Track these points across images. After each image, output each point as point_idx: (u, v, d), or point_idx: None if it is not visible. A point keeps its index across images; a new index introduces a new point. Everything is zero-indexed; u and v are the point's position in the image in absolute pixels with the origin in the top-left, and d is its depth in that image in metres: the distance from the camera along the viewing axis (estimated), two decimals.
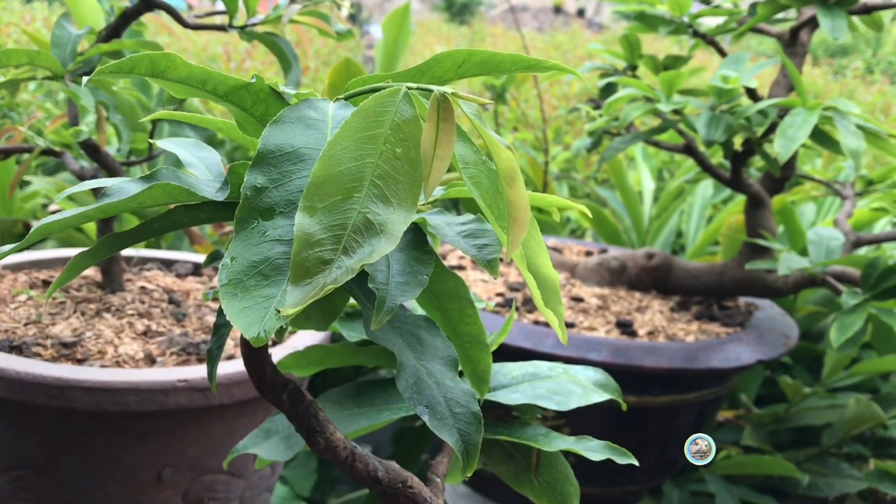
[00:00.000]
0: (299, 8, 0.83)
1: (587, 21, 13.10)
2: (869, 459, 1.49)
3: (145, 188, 0.39)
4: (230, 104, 0.40)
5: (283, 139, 0.34)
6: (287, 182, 0.33)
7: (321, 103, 0.37)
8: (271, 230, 0.33)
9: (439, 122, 0.33)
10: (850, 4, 1.10)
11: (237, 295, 0.31)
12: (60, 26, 0.80)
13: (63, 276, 0.42)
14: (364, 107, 0.33)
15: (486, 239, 0.40)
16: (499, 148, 0.34)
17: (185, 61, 0.36)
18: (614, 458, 0.53)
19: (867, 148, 1.03)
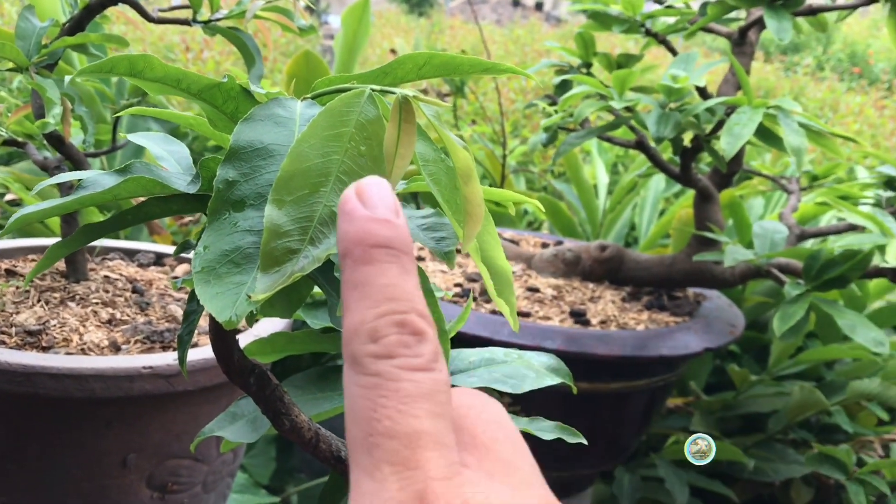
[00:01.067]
0: (262, 4, 0.85)
1: (545, 15, 13.17)
2: (813, 445, 1.55)
3: (121, 181, 0.41)
4: (202, 101, 0.42)
5: (253, 136, 0.36)
6: (257, 176, 0.36)
7: (290, 102, 0.40)
8: (242, 221, 0.35)
9: (401, 122, 0.35)
10: (796, 6, 1.14)
11: (210, 281, 0.33)
12: (25, 18, 0.81)
13: (40, 265, 0.43)
14: (331, 107, 0.35)
15: (443, 232, 0.43)
16: (456, 148, 0.37)
17: (161, 62, 0.38)
18: (565, 438, 0.55)
19: (812, 145, 1.08)
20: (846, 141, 1.15)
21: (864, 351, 1.47)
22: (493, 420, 0.30)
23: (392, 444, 0.26)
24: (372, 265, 0.28)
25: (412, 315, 0.28)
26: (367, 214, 0.29)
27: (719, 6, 1.15)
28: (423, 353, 0.27)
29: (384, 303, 0.28)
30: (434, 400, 0.27)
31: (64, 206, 0.42)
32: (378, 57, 4.47)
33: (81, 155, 0.88)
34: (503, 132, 2.10)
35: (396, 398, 0.26)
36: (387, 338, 0.27)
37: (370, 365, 0.27)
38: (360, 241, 0.29)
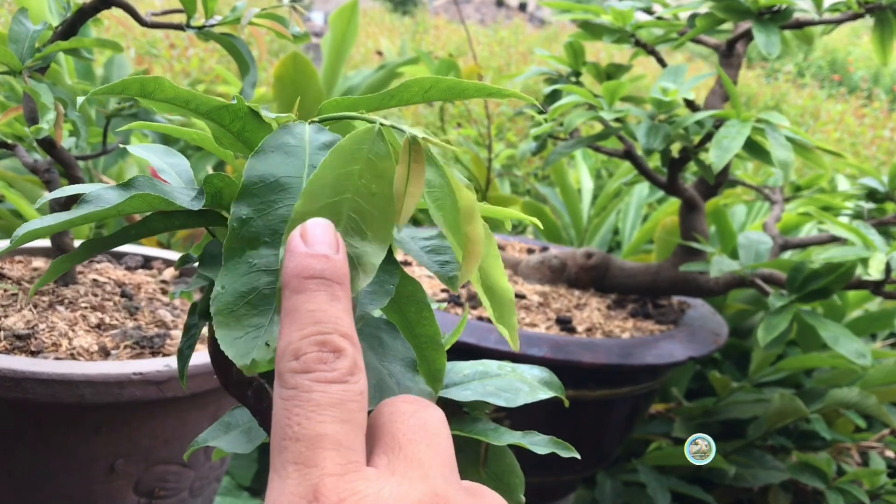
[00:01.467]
0: (257, 11, 0.85)
1: (529, 15, 13.20)
2: (792, 452, 1.57)
3: (127, 198, 0.41)
4: (210, 121, 0.42)
5: (265, 169, 0.37)
6: (270, 211, 0.36)
7: (298, 128, 0.40)
8: (257, 260, 0.35)
9: (411, 162, 0.36)
10: (784, 20, 1.16)
11: (229, 325, 0.34)
12: (18, 21, 0.81)
13: (45, 277, 0.43)
14: (341, 146, 0.36)
15: (447, 256, 0.43)
16: (460, 187, 0.37)
17: (171, 84, 0.38)
18: (558, 452, 0.56)
19: (796, 158, 1.09)
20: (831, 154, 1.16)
21: (842, 360, 1.49)
22: (417, 424, 0.33)
23: (297, 446, 0.29)
24: (303, 294, 0.32)
25: (334, 335, 0.32)
26: (305, 251, 0.33)
27: (708, 18, 1.16)
28: (339, 367, 0.31)
29: (309, 325, 0.31)
30: (342, 408, 0.30)
31: (70, 222, 0.42)
32: (362, 56, 4.46)
33: (72, 158, 0.88)
34: (489, 136, 2.10)
35: (307, 406, 0.30)
36: (306, 355, 0.31)
37: (289, 379, 0.31)
38: (296, 273, 0.32)
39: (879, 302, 1.79)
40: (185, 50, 2.95)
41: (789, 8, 1.14)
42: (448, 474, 0.32)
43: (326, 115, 0.42)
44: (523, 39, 6.59)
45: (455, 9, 12.30)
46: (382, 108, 0.44)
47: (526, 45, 6.00)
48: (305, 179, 0.38)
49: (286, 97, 1.85)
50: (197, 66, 2.87)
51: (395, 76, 2.10)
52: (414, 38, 5.80)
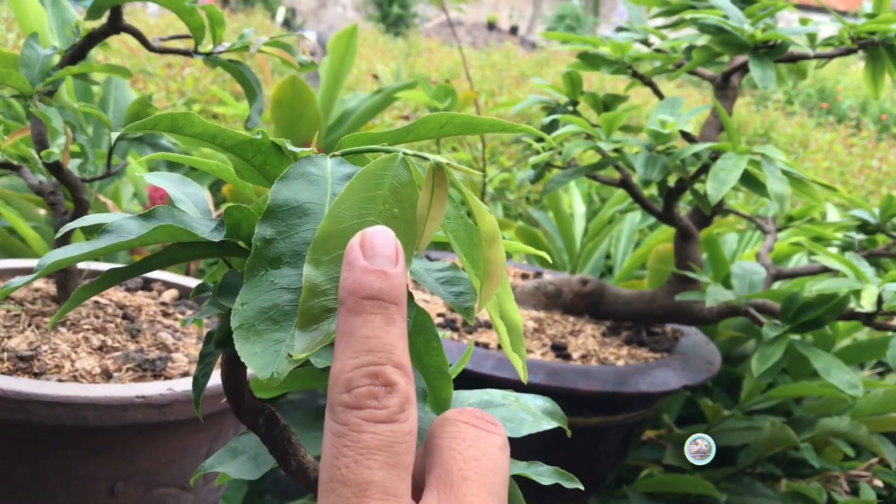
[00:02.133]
0: (266, 39, 0.87)
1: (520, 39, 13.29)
2: (781, 480, 1.58)
3: (149, 230, 0.42)
4: (233, 154, 0.43)
5: (289, 194, 0.38)
6: (293, 234, 0.37)
7: (320, 160, 0.41)
8: (279, 279, 0.36)
9: (434, 188, 0.37)
10: (779, 54, 1.18)
11: (249, 338, 0.35)
12: (29, 46, 0.82)
13: (67, 306, 0.44)
14: (366, 170, 0.37)
15: (462, 287, 0.44)
16: (483, 212, 0.38)
17: (200, 120, 0.39)
18: (562, 483, 0.57)
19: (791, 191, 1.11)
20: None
21: (833, 389, 1.50)
22: (474, 458, 0.33)
23: (345, 491, 0.30)
24: (359, 316, 0.32)
25: (387, 367, 0.31)
26: (364, 265, 0.32)
27: (705, 52, 1.18)
28: (390, 404, 0.31)
29: (363, 354, 0.31)
30: (390, 451, 0.30)
31: (93, 253, 0.43)
32: (355, 77, 4.48)
33: (78, 181, 0.88)
34: (483, 159, 2.12)
35: (356, 448, 0.30)
36: (358, 389, 0.31)
37: (341, 414, 0.31)
38: (353, 291, 0.32)
39: (868, 331, 1.81)
40: (180, 69, 2.97)
41: (785, 43, 1.16)
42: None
43: (347, 148, 0.44)
44: (515, 63, 6.64)
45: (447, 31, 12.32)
46: (400, 143, 0.45)
47: (518, 69, 6.04)
48: (327, 206, 0.39)
49: (284, 120, 1.86)
50: (192, 86, 2.89)
51: (391, 100, 2.12)
52: (407, 61, 5.83)
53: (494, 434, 0.35)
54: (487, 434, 0.35)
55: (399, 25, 12.33)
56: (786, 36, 1.13)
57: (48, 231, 1.63)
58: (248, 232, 0.45)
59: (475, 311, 0.44)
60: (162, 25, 5.43)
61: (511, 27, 15.23)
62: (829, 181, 3.65)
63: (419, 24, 13.37)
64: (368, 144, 0.43)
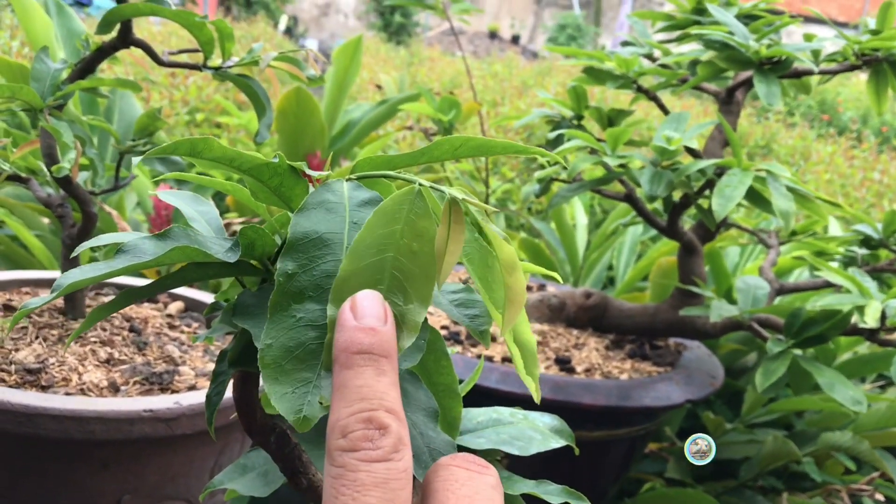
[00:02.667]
0: (275, 55, 0.87)
1: (521, 48, 13.32)
2: (783, 493, 1.58)
3: (166, 251, 0.43)
4: (249, 177, 0.44)
5: (308, 226, 0.38)
6: (314, 267, 0.37)
7: (336, 185, 0.41)
8: (302, 314, 0.37)
9: (450, 223, 0.37)
10: (784, 70, 1.18)
11: (278, 379, 0.35)
12: (40, 60, 0.82)
13: (83, 326, 0.45)
14: (383, 207, 0.37)
15: (476, 309, 0.45)
16: (500, 242, 0.39)
17: (219, 144, 0.40)
18: (571, 502, 0.57)
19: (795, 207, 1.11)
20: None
21: (834, 403, 1.51)
22: (467, 496, 0.35)
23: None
24: (351, 369, 0.34)
25: (380, 412, 0.33)
26: (354, 325, 0.34)
27: (709, 67, 1.19)
28: (383, 445, 0.32)
29: (356, 402, 0.33)
30: (385, 487, 0.32)
31: (110, 274, 0.43)
32: (357, 87, 4.49)
33: (87, 194, 0.89)
34: (486, 170, 2.12)
35: (353, 487, 0.32)
36: (353, 433, 0.33)
37: (338, 458, 0.32)
38: (345, 348, 0.34)
39: (869, 345, 1.81)
40: (184, 78, 2.97)
41: (789, 59, 1.17)
42: None
43: (362, 172, 0.44)
44: (517, 73, 6.65)
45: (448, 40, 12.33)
46: (415, 165, 0.45)
47: (520, 79, 6.05)
48: (346, 235, 0.39)
49: (288, 130, 1.87)
50: (195, 95, 2.89)
51: (395, 111, 2.12)
52: (409, 70, 5.85)
53: (486, 475, 0.36)
54: (479, 475, 0.36)
55: (401, 34, 12.36)
56: (791, 52, 1.14)
57: (52, 240, 1.63)
58: (261, 252, 0.45)
59: (490, 333, 0.44)
60: (165, 33, 5.44)
61: (513, 36, 15.27)
62: (830, 194, 3.66)
63: (421, 32, 13.41)
64: (384, 168, 0.44)
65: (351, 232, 0.39)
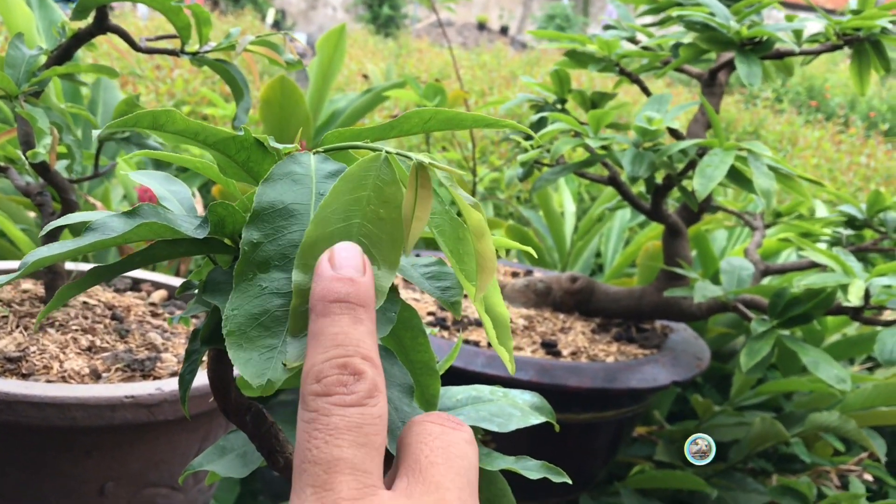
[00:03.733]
0: (252, 38, 0.87)
1: (510, 39, 13.30)
2: (772, 475, 1.58)
3: (133, 227, 0.42)
4: (216, 151, 0.43)
5: (274, 196, 0.38)
6: (280, 237, 0.37)
7: (304, 157, 0.41)
8: (268, 283, 0.36)
9: (418, 187, 0.37)
10: (765, 51, 1.18)
11: (242, 346, 0.35)
12: (14, 47, 0.82)
13: (51, 305, 0.44)
14: (350, 172, 0.37)
15: (448, 281, 0.44)
16: (468, 208, 0.38)
17: (182, 117, 0.39)
18: (550, 477, 0.57)
19: (777, 186, 1.11)
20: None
21: (822, 384, 1.51)
22: (441, 446, 0.35)
23: (315, 469, 0.31)
24: (327, 317, 0.33)
25: (355, 358, 0.33)
26: (331, 274, 0.34)
27: (691, 49, 1.18)
28: (358, 390, 0.32)
29: (331, 349, 0.33)
30: (359, 432, 0.32)
31: (77, 250, 0.43)
32: (346, 78, 4.48)
33: (66, 182, 0.88)
34: (473, 159, 2.12)
35: (325, 430, 0.31)
36: (327, 378, 0.32)
37: (311, 402, 0.32)
38: (322, 297, 0.34)
39: (857, 326, 1.82)
40: (170, 71, 2.96)
41: (770, 39, 1.17)
42: (466, 498, 0.33)
43: (330, 145, 0.44)
44: (505, 63, 6.64)
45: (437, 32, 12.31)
46: (383, 139, 0.45)
47: (508, 69, 6.04)
48: (313, 206, 0.39)
49: (273, 120, 1.86)
50: (182, 88, 2.88)
51: (381, 100, 2.12)
52: (397, 61, 5.83)
53: (460, 431, 0.36)
54: (453, 430, 0.36)
55: (389, 26, 12.32)
56: (771, 32, 1.14)
57: (37, 233, 1.63)
58: (232, 229, 0.45)
59: (461, 305, 0.44)
60: (152, 28, 5.42)
61: (501, 27, 15.24)
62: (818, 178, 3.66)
63: (409, 24, 13.37)
64: (352, 140, 0.43)
65: (317, 203, 0.39)
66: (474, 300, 0.40)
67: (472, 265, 0.42)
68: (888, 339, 1.02)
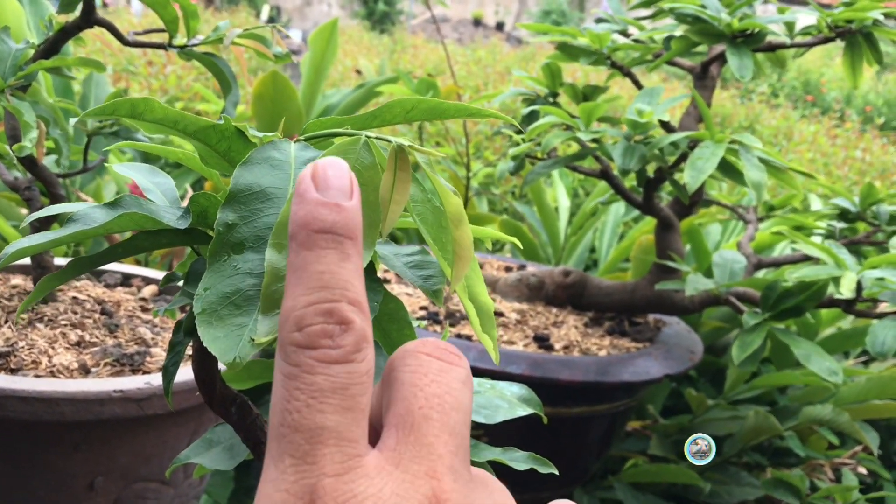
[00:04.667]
0: (240, 31, 0.86)
1: (506, 35, 13.29)
2: (766, 468, 1.58)
3: (114, 217, 0.42)
4: (196, 140, 0.43)
5: (251, 179, 0.37)
6: (256, 219, 0.37)
7: (284, 144, 0.41)
8: (241, 264, 0.36)
9: (396, 170, 0.37)
10: (757, 43, 1.18)
11: (212, 323, 0.34)
12: (1, 40, 0.81)
13: (32, 297, 0.44)
14: (328, 154, 0.37)
15: (430, 270, 0.44)
16: (447, 193, 0.38)
17: (161, 105, 0.39)
18: (537, 468, 0.57)
19: (769, 179, 1.11)
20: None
21: (815, 377, 1.51)
22: (436, 394, 0.31)
23: (296, 437, 0.28)
24: (311, 251, 0.29)
25: (342, 304, 0.29)
26: (316, 198, 0.30)
27: (683, 41, 1.18)
28: (345, 343, 0.29)
29: (316, 290, 0.29)
30: (345, 394, 0.28)
31: (58, 241, 0.43)
32: (340, 74, 4.48)
33: (53, 176, 0.88)
34: (467, 154, 2.12)
35: (308, 391, 0.28)
36: (311, 327, 0.28)
37: (292, 354, 0.28)
38: (305, 224, 0.30)
39: (852, 320, 1.82)
40: (162, 67, 2.96)
41: (762, 31, 1.16)
42: (458, 465, 0.30)
43: (311, 133, 0.43)
44: (500, 59, 6.64)
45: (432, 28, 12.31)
46: (366, 128, 0.45)
47: (503, 65, 6.04)
48: (290, 191, 0.39)
49: (265, 115, 1.86)
50: (174, 84, 2.88)
51: (373, 95, 2.11)
52: (392, 57, 5.83)
53: (458, 367, 0.32)
54: (451, 367, 0.32)
55: (384, 22, 12.31)
56: (763, 24, 1.14)
57: (29, 230, 1.62)
58: (214, 219, 0.45)
59: (444, 293, 0.44)
60: (145, 24, 5.40)
61: (497, 23, 15.23)
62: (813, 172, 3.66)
63: (405, 20, 13.36)
64: (334, 128, 0.43)
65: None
66: (453, 287, 0.40)
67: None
68: (880, 332, 1.02)
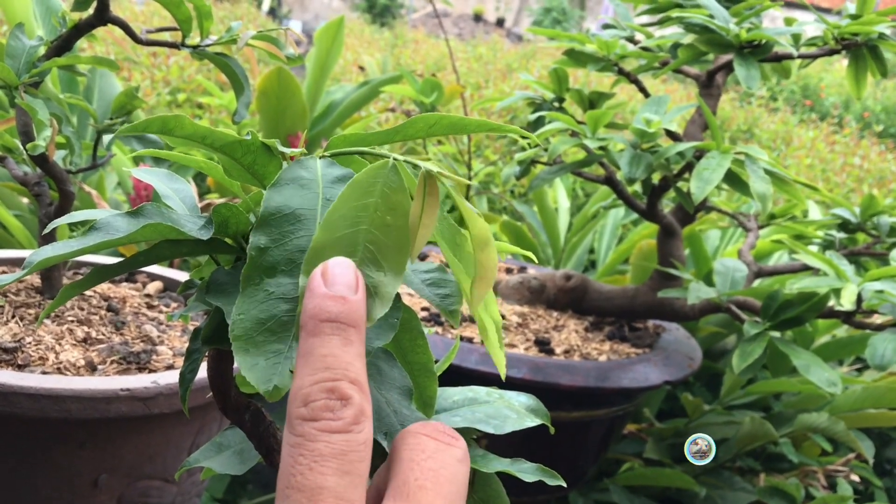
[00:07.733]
0: (253, 33, 0.86)
1: (506, 31, 13.28)
2: (760, 474, 1.59)
3: (139, 228, 0.42)
4: (222, 154, 0.43)
5: (281, 201, 0.38)
6: (287, 242, 0.37)
7: (310, 162, 0.41)
8: (274, 288, 0.37)
9: (425, 195, 0.37)
10: (764, 54, 1.19)
11: (249, 350, 0.35)
12: (15, 37, 0.81)
13: (55, 303, 0.44)
14: (357, 179, 0.37)
15: (448, 289, 0.45)
16: (473, 217, 0.39)
17: (190, 122, 0.39)
18: (545, 480, 0.58)
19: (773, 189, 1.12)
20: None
21: (811, 385, 1.52)
22: (432, 469, 0.34)
23: (298, 497, 0.31)
24: (317, 337, 0.33)
25: (343, 382, 0.33)
26: (324, 292, 0.34)
27: (690, 50, 1.19)
28: (344, 416, 0.32)
29: (320, 371, 0.33)
30: (343, 459, 0.32)
31: (82, 251, 0.43)
32: (341, 68, 4.47)
33: (64, 173, 0.88)
34: (469, 152, 2.12)
35: (310, 457, 0.31)
36: (315, 402, 0.32)
37: (297, 426, 0.32)
38: (313, 315, 0.34)
39: (847, 328, 1.83)
40: (166, 58, 2.95)
41: (769, 42, 1.17)
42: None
43: (336, 149, 0.44)
44: (501, 56, 6.63)
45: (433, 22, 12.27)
46: (388, 143, 0.45)
47: (504, 62, 6.03)
48: (319, 211, 0.39)
49: (269, 111, 1.86)
50: (177, 75, 2.87)
51: (377, 93, 2.11)
52: (393, 52, 5.82)
53: (454, 447, 0.36)
54: (447, 447, 0.36)
55: (385, 16, 12.28)
56: (771, 36, 1.14)
57: (31, 220, 1.62)
58: (235, 230, 0.45)
59: (460, 314, 0.44)
60: (147, 14, 5.39)
61: (497, 19, 15.21)
62: (811, 178, 3.68)
63: (405, 14, 13.33)
64: (358, 145, 0.44)
65: (324, 208, 0.39)
66: (473, 309, 0.41)
67: (471, 271, 0.42)
68: (880, 345, 1.03)
